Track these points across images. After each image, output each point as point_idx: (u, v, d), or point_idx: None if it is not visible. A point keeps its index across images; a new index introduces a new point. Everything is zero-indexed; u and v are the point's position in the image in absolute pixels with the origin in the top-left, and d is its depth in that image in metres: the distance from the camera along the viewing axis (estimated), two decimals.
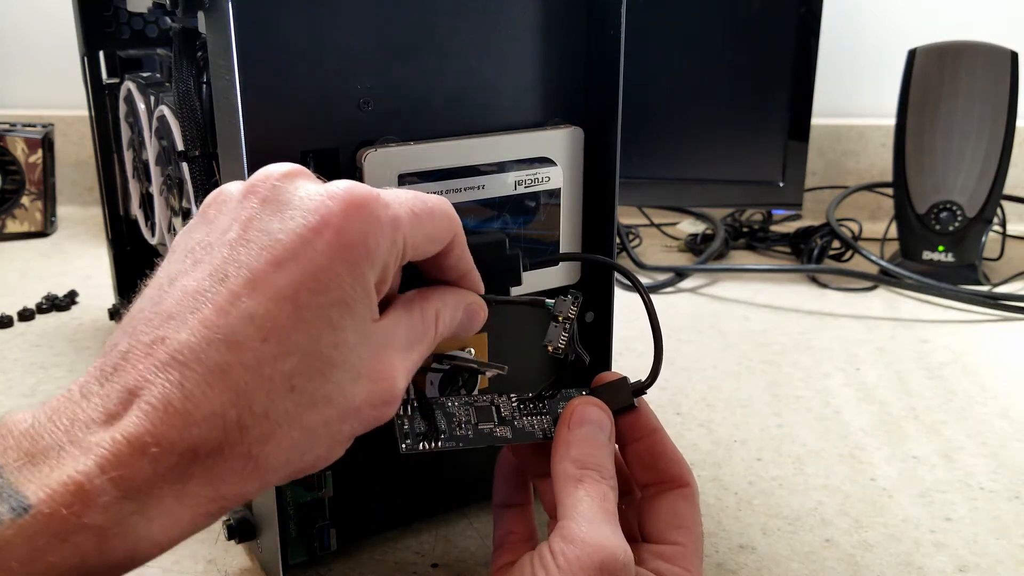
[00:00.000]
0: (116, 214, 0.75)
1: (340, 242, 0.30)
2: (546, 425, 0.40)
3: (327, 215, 0.31)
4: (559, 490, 0.37)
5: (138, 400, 0.28)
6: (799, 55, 0.94)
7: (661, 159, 1.01)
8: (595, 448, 0.38)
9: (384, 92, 0.41)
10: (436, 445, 0.39)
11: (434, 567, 0.48)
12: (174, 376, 0.28)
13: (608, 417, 0.39)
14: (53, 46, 1.20)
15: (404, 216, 0.33)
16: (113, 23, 0.69)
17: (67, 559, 0.26)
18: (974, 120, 0.89)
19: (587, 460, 0.37)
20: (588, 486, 0.36)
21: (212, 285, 0.30)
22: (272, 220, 0.31)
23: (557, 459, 0.38)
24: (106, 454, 0.27)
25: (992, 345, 0.77)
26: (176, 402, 0.28)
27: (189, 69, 0.45)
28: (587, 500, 0.36)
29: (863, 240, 1.03)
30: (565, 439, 0.38)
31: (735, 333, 0.79)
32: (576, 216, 0.47)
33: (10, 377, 0.70)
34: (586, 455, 0.37)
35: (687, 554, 0.38)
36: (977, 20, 1.12)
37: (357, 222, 0.31)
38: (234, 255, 0.30)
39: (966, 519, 0.52)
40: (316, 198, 0.31)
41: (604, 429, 0.39)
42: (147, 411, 0.28)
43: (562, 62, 0.46)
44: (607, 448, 0.38)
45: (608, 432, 0.39)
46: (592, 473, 0.37)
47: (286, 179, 0.32)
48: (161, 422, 0.27)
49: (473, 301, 0.38)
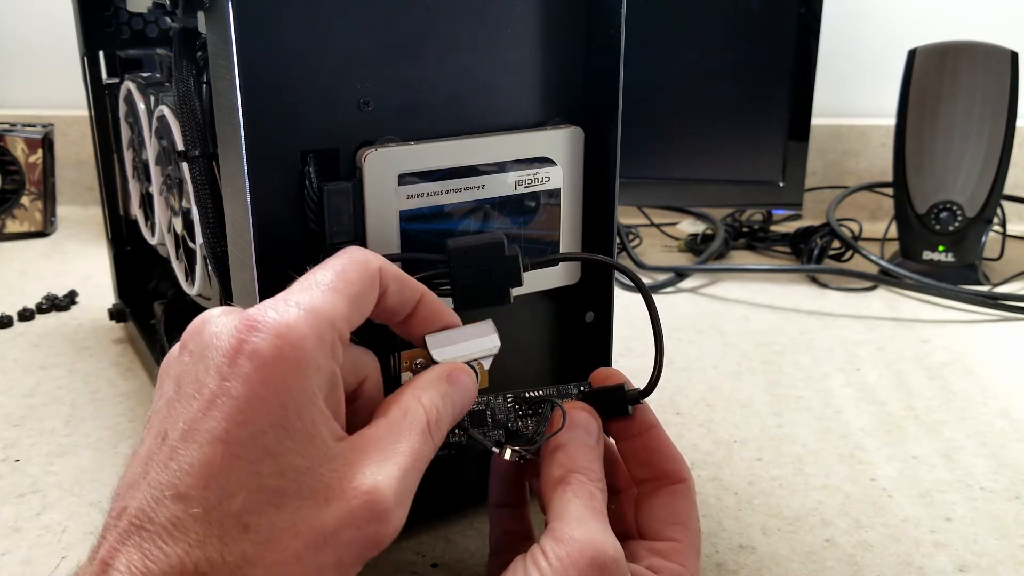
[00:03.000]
0: (116, 214, 0.75)
1: (256, 367, 0.29)
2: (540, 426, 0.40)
3: (238, 345, 0.30)
4: (548, 493, 0.37)
5: (110, 570, 0.28)
6: (799, 55, 0.94)
7: (661, 159, 1.01)
8: (582, 451, 0.38)
9: (384, 92, 0.41)
10: None
11: (434, 567, 0.48)
12: (135, 540, 0.29)
13: (596, 420, 0.40)
14: (53, 46, 1.20)
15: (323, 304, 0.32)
16: (113, 23, 0.69)
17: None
18: (974, 120, 0.89)
19: (574, 463, 0.37)
20: (576, 488, 0.37)
21: (157, 446, 0.30)
22: (199, 367, 0.31)
23: (545, 463, 0.38)
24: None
25: (992, 345, 0.77)
26: (137, 563, 0.28)
27: (189, 69, 0.45)
28: (575, 501, 0.36)
29: (863, 240, 1.03)
30: (553, 443, 0.39)
31: (735, 333, 0.79)
32: (576, 216, 0.47)
33: (10, 377, 0.70)
34: (573, 458, 0.38)
35: (683, 550, 0.39)
36: (977, 20, 1.12)
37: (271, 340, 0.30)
38: (171, 412, 0.31)
39: (966, 519, 0.52)
40: (228, 330, 0.30)
41: (592, 432, 0.39)
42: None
43: (562, 62, 0.46)
44: (595, 451, 0.39)
45: (596, 435, 0.39)
46: (579, 476, 0.37)
47: (206, 323, 0.32)
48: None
49: (451, 369, 0.36)
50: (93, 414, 0.64)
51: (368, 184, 0.41)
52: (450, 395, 0.35)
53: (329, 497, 0.29)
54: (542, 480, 0.38)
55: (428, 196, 0.43)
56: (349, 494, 0.30)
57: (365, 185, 0.41)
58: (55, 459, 0.58)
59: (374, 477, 0.30)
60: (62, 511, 0.53)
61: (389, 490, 0.30)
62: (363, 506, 0.30)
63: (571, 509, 0.36)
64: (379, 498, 0.30)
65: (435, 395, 0.34)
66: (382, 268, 0.35)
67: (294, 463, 0.29)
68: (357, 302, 0.33)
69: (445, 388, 0.35)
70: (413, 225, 0.43)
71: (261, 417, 0.29)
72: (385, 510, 0.30)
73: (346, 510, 0.29)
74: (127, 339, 0.77)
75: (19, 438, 0.61)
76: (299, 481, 0.29)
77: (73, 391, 0.68)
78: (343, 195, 0.41)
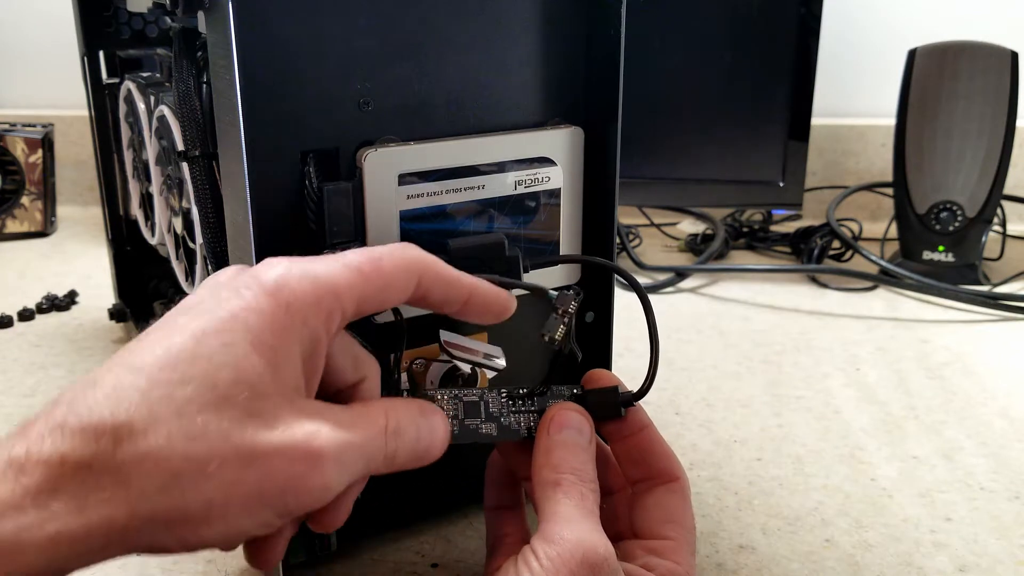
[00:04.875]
0: (116, 214, 0.75)
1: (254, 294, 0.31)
2: (532, 423, 0.40)
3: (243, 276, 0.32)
4: (539, 495, 0.37)
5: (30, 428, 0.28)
6: (799, 55, 0.94)
7: (661, 159, 1.01)
8: (574, 452, 0.38)
9: (384, 92, 0.41)
10: None
11: (434, 567, 0.48)
12: (68, 396, 0.29)
13: (588, 421, 0.40)
14: (53, 46, 1.20)
15: (332, 275, 0.33)
16: (113, 23, 0.69)
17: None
18: (974, 120, 0.89)
19: (565, 464, 0.38)
20: (567, 489, 0.37)
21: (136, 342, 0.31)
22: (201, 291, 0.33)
23: (537, 465, 0.38)
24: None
25: (992, 345, 0.77)
26: (58, 416, 0.28)
27: (189, 69, 0.45)
28: (566, 502, 0.36)
29: (863, 240, 1.02)
30: (545, 445, 0.38)
31: (735, 333, 0.79)
32: (576, 216, 0.47)
33: (10, 377, 0.70)
34: (564, 460, 0.38)
35: (678, 548, 0.39)
36: (977, 20, 1.12)
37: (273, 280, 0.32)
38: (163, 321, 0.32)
39: (966, 519, 0.52)
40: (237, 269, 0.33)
41: (583, 433, 0.39)
42: (25, 432, 0.28)
43: (562, 62, 0.46)
44: (586, 452, 0.39)
45: (587, 436, 0.39)
46: (570, 477, 0.37)
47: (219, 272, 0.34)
48: (38, 438, 0.28)
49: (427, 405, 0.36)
50: None
51: (368, 184, 0.41)
52: (416, 422, 0.35)
53: (272, 425, 0.30)
54: (534, 481, 0.38)
55: (428, 196, 0.43)
56: (291, 429, 0.30)
57: (365, 185, 0.41)
58: None
59: (319, 427, 0.31)
60: None
61: (329, 444, 0.30)
62: (300, 443, 0.30)
63: (562, 510, 0.36)
64: (317, 445, 0.30)
65: (403, 413, 0.35)
66: (424, 272, 0.35)
67: (253, 382, 0.30)
68: (379, 290, 0.34)
69: (415, 414, 0.35)
70: (413, 225, 0.43)
71: (239, 333, 0.30)
72: (319, 457, 0.30)
73: (281, 440, 0.29)
74: (127, 339, 0.77)
75: None
76: (251, 400, 0.29)
77: None
78: (343, 195, 0.41)
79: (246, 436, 0.29)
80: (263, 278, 0.32)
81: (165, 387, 0.29)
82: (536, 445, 0.39)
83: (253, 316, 0.31)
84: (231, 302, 0.31)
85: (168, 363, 0.29)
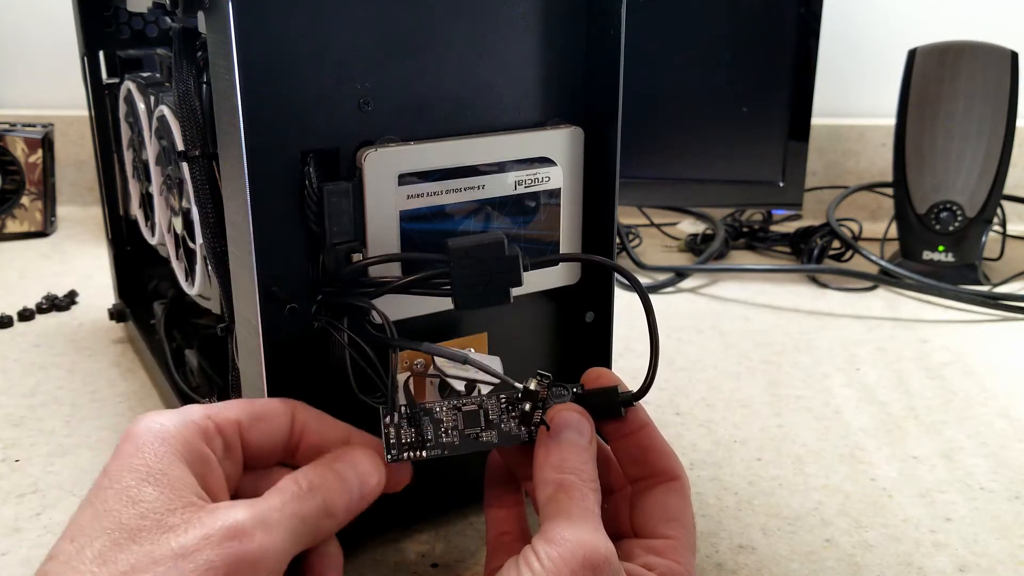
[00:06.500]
0: (116, 214, 0.75)
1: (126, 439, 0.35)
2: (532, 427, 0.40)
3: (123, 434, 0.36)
4: (540, 495, 0.37)
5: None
6: (799, 55, 0.94)
7: (661, 159, 1.00)
8: (574, 453, 0.38)
9: (384, 92, 0.41)
10: (421, 455, 0.39)
11: (434, 567, 0.48)
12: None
13: (588, 422, 0.39)
14: (53, 46, 1.20)
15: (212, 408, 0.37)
16: (113, 23, 0.69)
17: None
18: (974, 120, 0.89)
19: (566, 464, 0.37)
20: (567, 489, 0.37)
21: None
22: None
23: (537, 465, 0.38)
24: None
25: (992, 345, 0.77)
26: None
27: (189, 69, 0.45)
28: (566, 502, 0.36)
29: (863, 240, 1.03)
30: (545, 445, 0.38)
31: (735, 333, 0.79)
32: (576, 216, 0.47)
33: (10, 377, 0.70)
34: (565, 460, 0.38)
35: (678, 547, 0.38)
36: (977, 20, 1.12)
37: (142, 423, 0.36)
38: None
39: (966, 519, 0.52)
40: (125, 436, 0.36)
41: (584, 434, 0.39)
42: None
43: (562, 62, 0.46)
44: (587, 452, 0.39)
45: (588, 436, 0.39)
46: (571, 477, 0.37)
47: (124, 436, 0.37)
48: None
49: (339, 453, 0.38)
50: (93, 414, 0.64)
51: (368, 184, 0.41)
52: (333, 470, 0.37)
53: (189, 529, 0.32)
54: (535, 481, 0.38)
55: (428, 196, 0.43)
56: (208, 523, 0.33)
57: (365, 185, 0.41)
58: (55, 459, 0.58)
59: (232, 510, 0.33)
60: (62, 511, 0.53)
61: (246, 517, 0.33)
62: (221, 528, 0.32)
63: (562, 510, 0.36)
64: (236, 522, 0.33)
65: (311, 469, 0.37)
66: (298, 406, 0.40)
67: (156, 507, 0.33)
68: (254, 417, 0.38)
69: (325, 466, 0.37)
70: (413, 225, 0.43)
71: (126, 474, 0.34)
72: (241, 530, 0.33)
73: (204, 532, 0.32)
74: (127, 339, 0.77)
75: (19, 438, 0.61)
76: (159, 520, 0.32)
77: (73, 391, 0.68)
78: (343, 195, 0.41)
79: (171, 544, 0.32)
80: (134, 429, 0.35)
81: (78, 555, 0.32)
82: (536, 445, 0.39)
83: (135, 459, 0.34)
84: (115, 460, 0.35)
85: (75, 535, 0.32)
